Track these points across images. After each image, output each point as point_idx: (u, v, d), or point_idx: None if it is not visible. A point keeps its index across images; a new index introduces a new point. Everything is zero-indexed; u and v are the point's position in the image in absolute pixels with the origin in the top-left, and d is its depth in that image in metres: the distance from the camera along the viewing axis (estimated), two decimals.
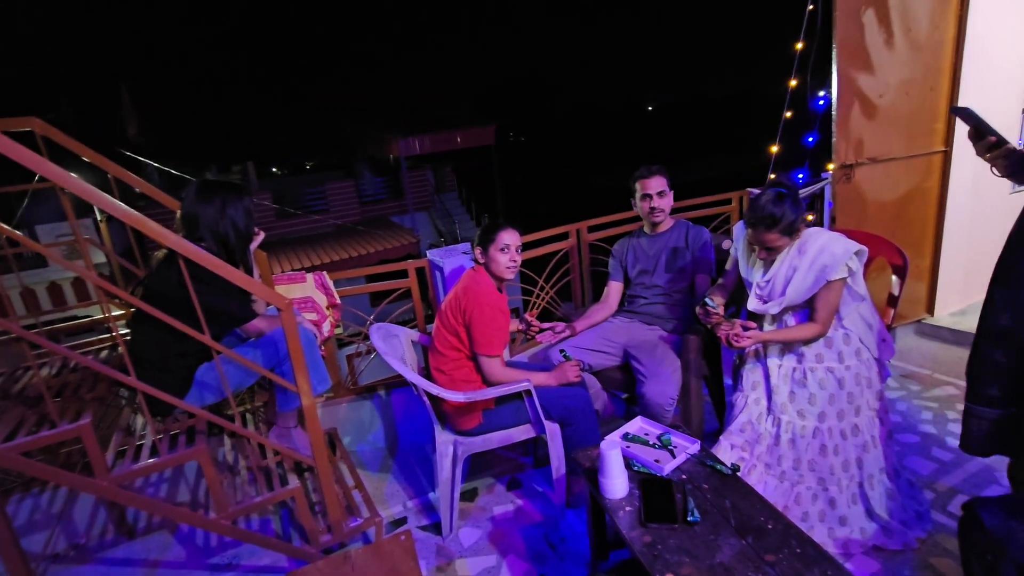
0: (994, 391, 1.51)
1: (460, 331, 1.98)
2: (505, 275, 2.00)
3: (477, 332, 1.93)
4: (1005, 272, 1.52)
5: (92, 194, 1.33)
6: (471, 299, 1.94)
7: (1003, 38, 2.94)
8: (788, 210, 1.75)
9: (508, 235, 1.99)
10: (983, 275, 3.48)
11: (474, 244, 2.04)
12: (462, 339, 1.99)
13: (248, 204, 1.83)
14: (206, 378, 1.80)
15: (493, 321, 1.93)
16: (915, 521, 1.81)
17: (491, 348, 1.94)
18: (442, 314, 2.05)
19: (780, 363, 1.92)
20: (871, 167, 2.91)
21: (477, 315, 1.92)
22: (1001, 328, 1.48)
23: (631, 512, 1.34)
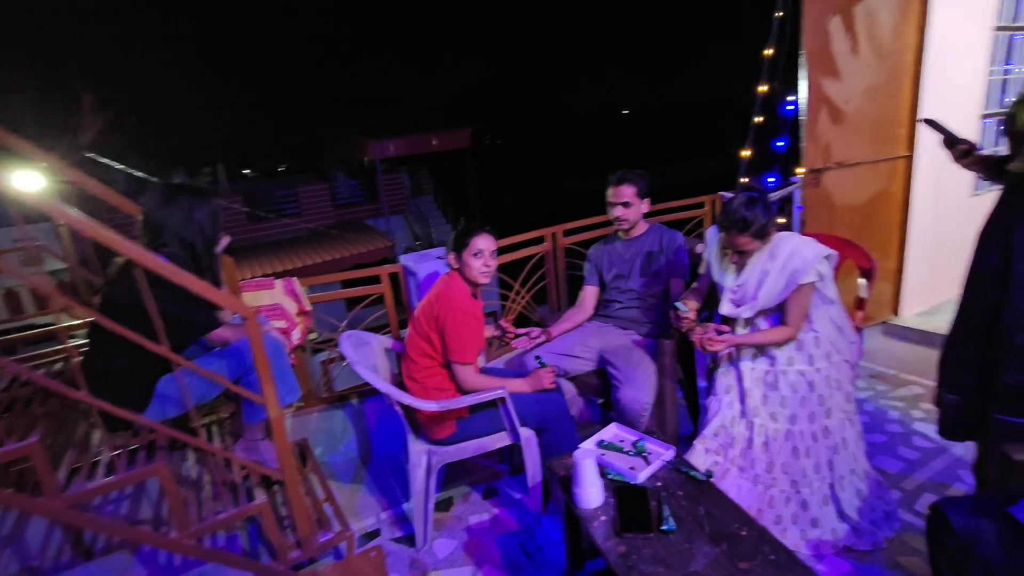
0: (960, 380, 1.62)
1: (433, 337, 1.94)
2: (479, 280, 1.97)
3: (450, 339, 1.90)
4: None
5: (39, 200, 1.26)
6: (444, 305, 1.90)
7: (961, 47, 3.04)
8: (759, 214, 1.76)
9: (482, 240, 1.95)
10: (946, 276, 3.60)
11: (448, 248, 2.01)
12: (435, 346, 1.95)
13: (214, 208, 1.76)
14: (167, 390, 1.73)
15: (467, 327, 1.90)
16: (883, 521, 1.84)
17: (464, 355, 1.91)
18: (415, 320, 2.01)
19: (753, 366, 1.94)
20: (839, 171, 2.97)
21: (451, 321, 1.88)
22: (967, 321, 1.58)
23: (606, 522, 1.32)
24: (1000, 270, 1.48)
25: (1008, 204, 1.48)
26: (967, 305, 1.60)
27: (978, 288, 1.54)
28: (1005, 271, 1.46)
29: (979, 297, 1.54)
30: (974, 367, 1.57)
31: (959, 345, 1.62)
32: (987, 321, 1.52)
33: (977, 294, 1.55)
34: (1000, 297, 1.48)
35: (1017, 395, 1.44)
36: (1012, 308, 1.44)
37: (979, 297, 1.54)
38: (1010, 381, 1.44)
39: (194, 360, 1.80)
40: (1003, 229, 1.47)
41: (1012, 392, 1.44)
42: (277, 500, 2.24)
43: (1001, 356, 1.46)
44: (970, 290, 1.59)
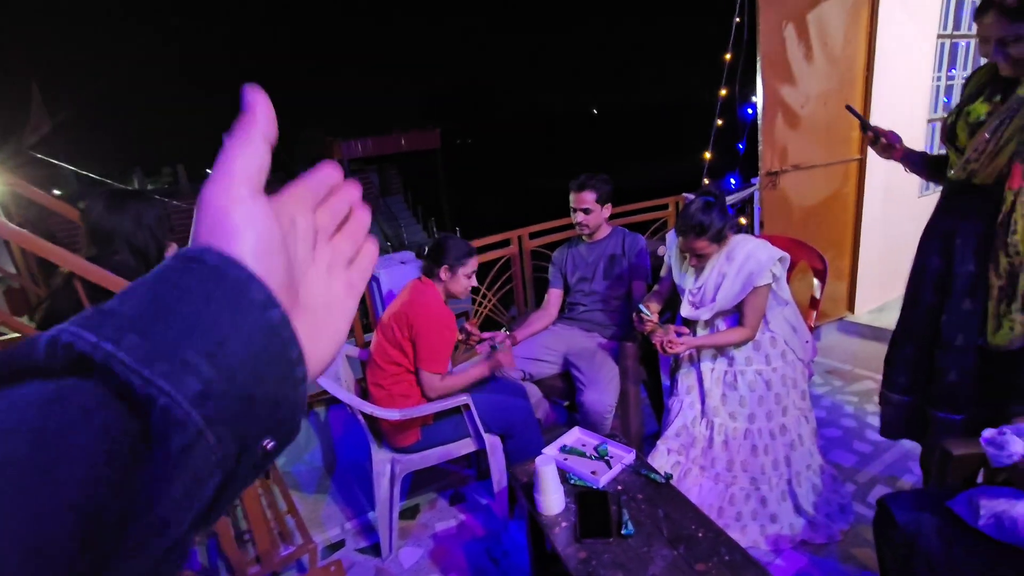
0: (902, 379, 1.67)
1: (405, 345, 1.92)
2: (462, 296, 2.03)
3: (423, 347, 1.88)
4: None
5: None
6: (419, 313, 1.88)
7: (907, 54, 3.17)
8: (716, 218, 1.79)
9: (475, 261, 2.03)
10: (896, 274, 3.73)
11: (437, 259, 1.97)
12: (406, 353, 1.93)
13: (160, 211, 1.70)
14: None
15: (440, 336, 1.89)
16: (838, 514, 1.90)
17: (436, 364, 1.90)
18: (384, 326, 1.98)
19: (712, 367, 1.97)
20: (795, 174, 3.05)
21: (425, 330, 1.87)
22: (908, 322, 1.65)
23: (567, 528, 1.33)
24: (941, 272, 1.54)
25: (948, 209, 1.54)
26: (908, 306, 1.66)
27: (919, 289, 1.60)
28: (946, 274, 1.52)
29: (920, 298, 1.60)
30: (913, 366, 1.63)
31: (900, 344, 1.68)
32: (926, 322, 1.58)
33: (918, 295, 1.61)
34: (939, 299, 1.54)
35: (955, 394, 1.50)
36: (951, 310, 1.49)
37: (920, 298, 1.60)
38: (951, 380, 1.50)
39: None
40: (944, 233, 1.53)
41: (951, 391, 1.50)
42: (238, 514, 2.19)
43: (940, 356, 1.52)
44: (912, 291, 1.65)
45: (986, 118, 1.36)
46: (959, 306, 1.48)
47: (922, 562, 1.12)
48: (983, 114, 1.37)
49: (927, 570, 1.09)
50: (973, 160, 1.38)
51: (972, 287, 1.46)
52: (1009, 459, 1.10)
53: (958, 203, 1.50)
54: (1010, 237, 1.34)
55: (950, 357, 1.49)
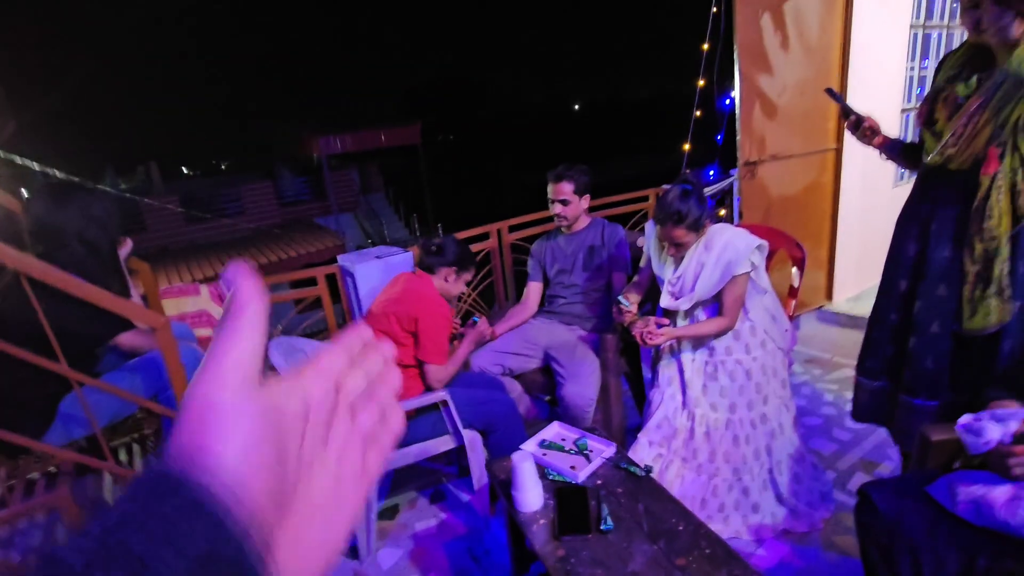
0: (872, 364, 1.67)
1: (403, 338, 1.90)
2: (453, 298, 2.07)
3: (428, 340, 1.88)
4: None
5: None
6: (425, 307, 1.89)
7: (882, 44, 3.18)
8: (693, 206, 1.77)
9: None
10: (873, 263, 3.76)
11: (445, 259, 2.00)
12: (403, 345, 1.92)
13: (106, 202, 1.63)
14: (73, 409, 1.58)
15: (443, 329, 1.92)
16: (819, 502, 1.90)
17: (439, 356, 1.92)
18: (376, 318, 1.93)
19: (693, 358, 1.96)
20: (773, 164, 3.06)
21: (431, 324, 1.87)
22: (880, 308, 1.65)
23: (545, 525, 1.30)
24: (916, 258, 1.53)
25: (924, 194, 1.53)
26: (883, 292, 1.65)
27: (894, 275, 1.60)
28: (921, 259, 1.51)
29: (894, 284, 1.59)
30: (884, 351, 1.63)
31: (873, 330, 1.68)
32: (900, 307, 1.57)
33: (893, 281, 1.60)
34: (913, 285, 1.53)
35: (931, 380, 1.49)
36: (926, 295, 1.49)
37: (894, 284, 1.59)
38: (927, 366, 1.49)
39: (106, 375, 1.66)
40: (920, 218, 1.52)
41: (928, 376, 1.50)
42: None
43: (915, 342, 1.51)
44: (887, 277, 1.64)
45: (964, 101, 1.35)
46: (934, 291, 1.47)
47: (904, 549, 1.10)
48: (962, 95, 1.36)
49: (910, 557, 1.07)
50: (951, 145, 1.36)
51: (947, 272, 1.45)
52: (986, 446, 1.09)
53: (934, 188, 1.49)
54: (985, 223, 1.34)
55: (925, 343, 1.49)
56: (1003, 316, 1.35)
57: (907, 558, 1.08)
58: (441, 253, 1.99)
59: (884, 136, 1.61)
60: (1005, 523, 1.02)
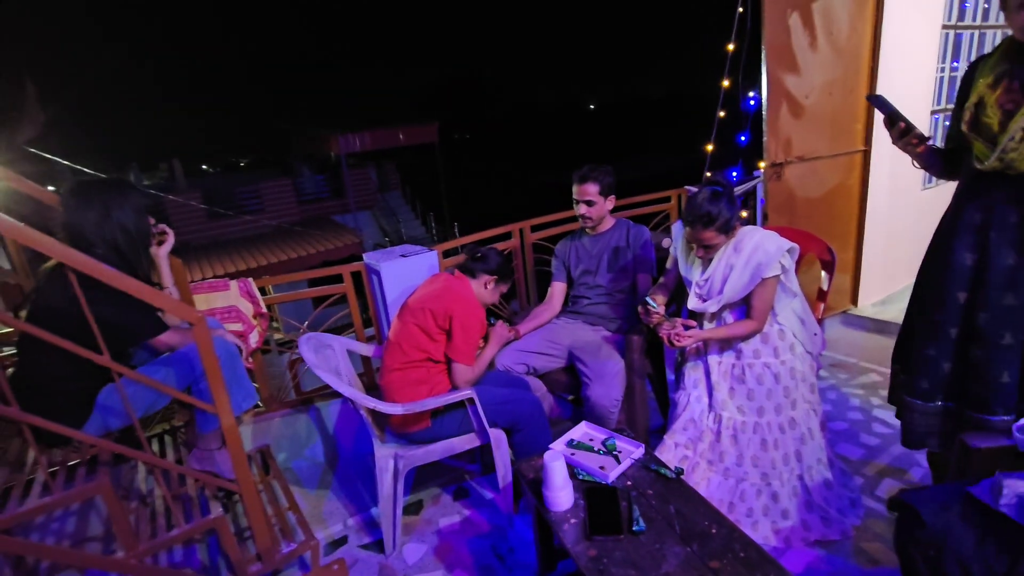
0: (924, 384, 1.57)
1: (436, 334, 1.93)
2: (487, 304, 2.10)
3: (460, 339, 1.91)
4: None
5: None
6: (462, 307, 1.92)
7: (912, 44, 3.13)
8: (724, 208, 1.76)
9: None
10: (900, 267, 3.71)
11: (487, 267, 2.06)
12: (435, 340, 1.94)
13: (137, 201, 1.64)
14: (109, 401, 1.62)
15: (475, 332, 1.95)
16: (849, 508, 1.87)
17: (468, 357, 1.95)
18: (413, 312, 1.96)
19: (720, 360, 1.95)
20: (799, 165, 3.02)
21: (466, 324, 1.91)
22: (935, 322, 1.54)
23: (576, 524, 1.30)
24: (974, 268, 1.45)
25: (975, 201, 1.45)
26: (931, 304, 1.55)
27: (946, 287, 1.50)
28: (981, 268, 1.43)
29: (948, 296, 1.50)
30: (937, 369, 1.53)
31: (919, 346, 1.57)
32: (958, 321, 1.48)
33: (945, 293, 1.51)
34: (972, 296, 1.45)
35: (1009, 394, 1.41)
36: (992, 306, 1.41)
37: (948, 296, 1.50)
38: (1005, 381, 1.41)
39: (140, 368, 1.70)
40: (975, 226, 1.44)
41: (1005, 391, 1.41)
42: (238, 511, 2.15)
43: (984, 356, 1.43)
44: (935, 289, 1.54)
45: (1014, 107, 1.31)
46: (1000, 302, 1.40)
47: (954, 562, 1.08)
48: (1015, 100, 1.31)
49: (958, 568, 1.05)
50: (1011, 149, 1.31)
51: (1012, 280, 1.39)
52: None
53: (987, 195, 1.42)
54: None
55: (999, 355, 1.41)
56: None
57: (956, 570, 1.06)
58: (484, 260, 2.05)
59: (927, 145, 1.55)
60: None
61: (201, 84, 37.39)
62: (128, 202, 1.61)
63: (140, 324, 1.59)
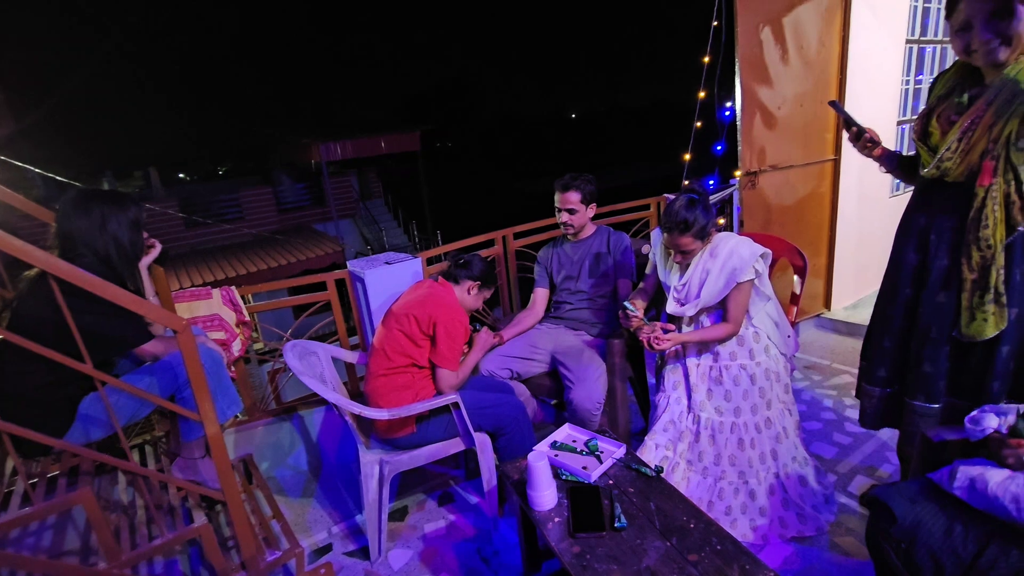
0: (881, 372, 1.70)
1: (421, 340, 1.96)
2: (470, 311, 2.12)
3: (445, 346, 1.94)
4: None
5: None
6: (446, 313, 1.94)
7: (878, 58, 3.26)
8: (700, 215, 1.82)
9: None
10: (870, 271, 3.83)
11: (471, 273, 2.09)
12: (419, 346, 1.96)
13: (134, 215, 1.66)
14: (91, 411, 1.61)
15: (459, 337, 1.98)
16: (824, 505, 1.94)
17: (452, 362, 1.97)
18: (397, 318, 1.98)
19: (698, 362, 2.00)
20: (773, 174, 3.12)
21: (450, 330, 1.93)
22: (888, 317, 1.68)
23: (560, 523, 1.33)
24: (917, 266, 1.58)
25: (921, 205, 1.59)
26: (886, 300, 1.70)
27: (897, 283, 1.65)
28: (922, 268, 1.56)
29: (897, 292, 1.64)
30: (891, 358, 1.67)
31: (877, 338, 1.72)
32: (904, 314, 1.62)
33: (896, 289, 1.65)
34: (916, 292, 1.59)
35: (930, 383, 1.54)
36: (926, 302, 1.54)
37: (897, 292, 1.64)
38: (926, 370, 1.54)
39: (123, 376, 1.69)
40: (918, 229, 1.57)
41: (927, 380, 1.55)
42: (220, 520, 2.14)
43: (916, 347, 1.57)
44: (889, 285, 1.69)
45: (957, 118, 1.41)
46: (934, 298, 1.52)
47: (925, 554, 1.13)
48: (956, 113, 1.41)
49: (932, 564, 1.10)
50: (946, 159, 1.42)
51: (946, 280, 1.50)
52: (982, 432, 1.16)
53: (931, 200, 1.54)
54: (981, 232, 1.39)
55: (926, 348, 1.54)
56: (1000, 323, 1.40)
57: (929, 563, 1.11)
58: (468, 267, 2.09)
59: (883, 148, 1.66)
60: (995, 497, 1.06)
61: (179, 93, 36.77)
62: (125, 215, 1.62)
63: (125, 333, 1.59)
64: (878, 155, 1.67)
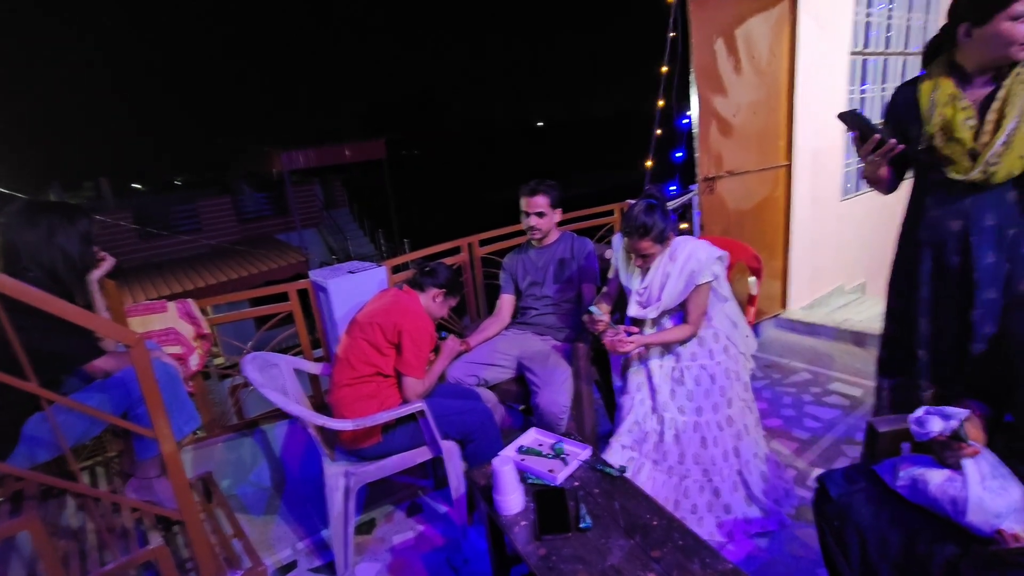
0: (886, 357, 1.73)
1: (386, 349, 1.94)
2: (436, 319, 2.12)
3: (410, 354, 1.93)
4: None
5: None
6: (411, 321, 1.94)
7: (826, 68, 3.42)
8: (658, 219, 1.87)
9: None
10: (824, 273, 3.97)
11: (436, 281, 2.08)
12: (384, 355, 1.95)
13: (84, 228, 1.60)
14: (37, 432, 1.53)
15: (425, 345, 1.98)
16: (784, 498, 2.00)
17: (419, 370, 1.96)
18: (361, 327, 1.96)
19: (661, 364, 2.04)
20: (730, 179, 3.23)
21: (414, 338, 1.93)
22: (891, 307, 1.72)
23: (526, 527, 1.34)
24: (960, 269, 1.57)
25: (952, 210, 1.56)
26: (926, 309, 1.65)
27: (943, 290, 1.62)
28: (967, 269, 1.55)
29: (945, 299, 1.62)
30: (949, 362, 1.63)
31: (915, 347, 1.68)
32: (956, 320, 1.60)
33: (941, 296, 1.63)
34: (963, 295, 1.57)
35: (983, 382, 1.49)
36: (979, 303, 1.54)
37: (945, 299, 1.62)
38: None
39: (72, 395, 1.62)
40: (953, 233, 1.56)
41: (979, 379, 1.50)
42: (178, 542, 2.06)
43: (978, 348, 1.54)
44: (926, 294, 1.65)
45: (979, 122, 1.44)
46: (986, 296, 1.53)
47: (853, 531, 1.20)
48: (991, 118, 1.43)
49: (857, 538, 1.17)
50: (993, 163, 1.44)
51: (994, 276, 1.53)
52: (927, 436, 1.21)
53: (962, 203, 1.54)
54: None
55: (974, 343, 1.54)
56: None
57: (855, 539, 1.17)
58: (433, 275, 2.09)
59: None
60: (935, 499, 1.13)
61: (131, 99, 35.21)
62: (75, 228, 1.57)
63: (73, 350, 1.53)
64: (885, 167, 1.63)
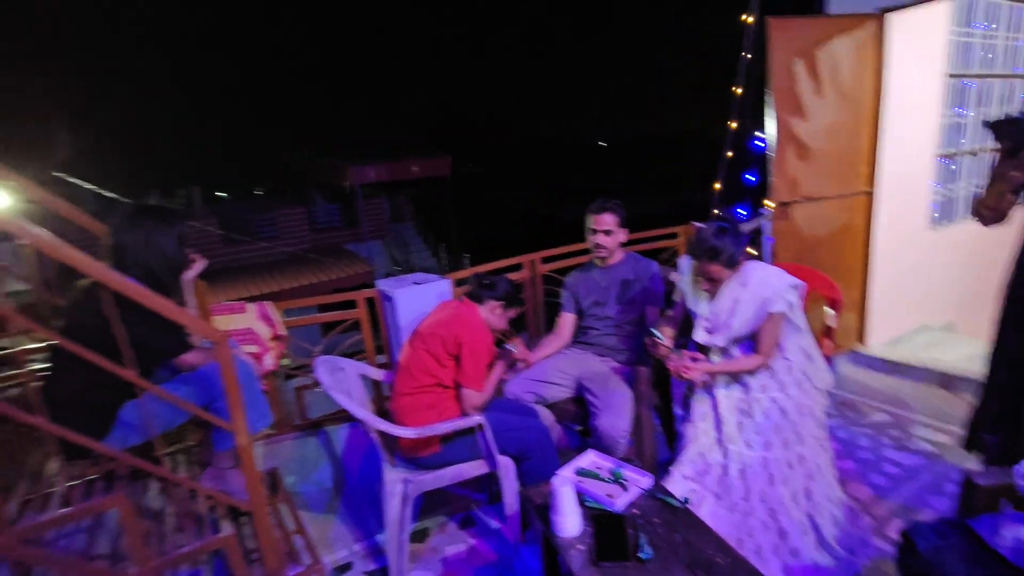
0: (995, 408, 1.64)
1: (446, 360, 1.98)
2: (496, 331, 2.14)
3: (470, 366, 1.95)
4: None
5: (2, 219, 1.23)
6: (470, 333, 1.97)
7: (916, 92, 3.22)
8: (729, 243, 1.81)
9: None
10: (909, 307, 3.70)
11: (496, 293, 2.11)
12: (444, 366, 1.99)
13: (180, 231, 1.74)
14: (131, 417, 1.67)
15: (484, 357, 1.99)
16: (859, 548, 1.86)
17: (478, 383, 1.98)
18: (424, 338, 2.02)
19: (728, 394, 1.96)
20: (806, 205, 3.09)
21: (475, 350, 1.95)
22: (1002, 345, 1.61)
23: (583, 551, 1.31)
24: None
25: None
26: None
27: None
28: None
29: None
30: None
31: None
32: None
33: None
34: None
35: None
36: None
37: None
38: None
39: (161, 385, 1.75)
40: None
41: None
42: (245, 532, 2.16)
43: None
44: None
45: None
46: None
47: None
48: None
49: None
50: None
51: None
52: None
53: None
54: None
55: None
56: None
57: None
58: (493, 287, 2.11)
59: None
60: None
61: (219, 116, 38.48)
62: (171, 231, 1.71)
63: (167, 343, 1.65)
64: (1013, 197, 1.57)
